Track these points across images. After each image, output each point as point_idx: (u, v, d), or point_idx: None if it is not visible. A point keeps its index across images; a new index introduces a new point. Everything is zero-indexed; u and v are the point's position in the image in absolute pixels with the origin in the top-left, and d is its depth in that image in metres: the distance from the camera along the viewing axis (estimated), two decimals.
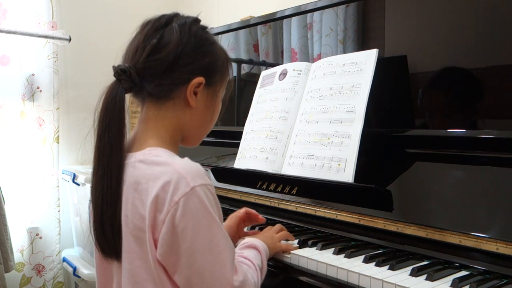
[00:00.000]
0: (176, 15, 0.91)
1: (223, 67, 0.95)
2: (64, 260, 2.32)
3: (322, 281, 0.96)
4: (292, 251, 1.05)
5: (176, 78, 0.87)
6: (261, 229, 1.24)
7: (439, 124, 1.19)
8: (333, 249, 1.04)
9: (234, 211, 1.46)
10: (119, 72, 0.85)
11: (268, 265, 1.05)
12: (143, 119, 0.90)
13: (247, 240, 1.00)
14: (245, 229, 1.22)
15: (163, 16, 0.91)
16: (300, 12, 1.57)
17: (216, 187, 1.52)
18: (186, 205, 0.78)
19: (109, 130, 0.83)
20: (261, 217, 1.19)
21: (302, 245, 1.10)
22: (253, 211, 1.19)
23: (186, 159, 0.83)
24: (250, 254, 0.94)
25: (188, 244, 0.78)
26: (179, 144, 0.94)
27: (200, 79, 0.88)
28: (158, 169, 0.81)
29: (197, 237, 0.79)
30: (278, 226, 1.13)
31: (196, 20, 0.93)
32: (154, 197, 0.79)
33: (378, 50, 1.20)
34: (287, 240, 1.11)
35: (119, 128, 0.84)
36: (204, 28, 0.94)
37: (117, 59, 0.91)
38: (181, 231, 0.78)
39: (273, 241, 1.04)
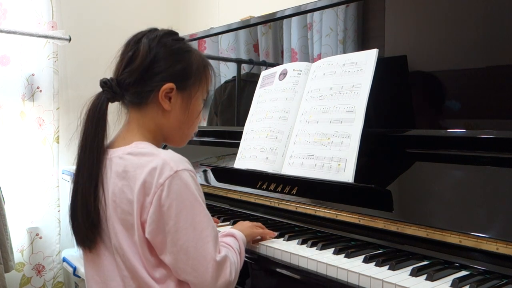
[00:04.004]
0: (150, 30, 1.02)
1: (198, 72, 1.03)
2: (64, 260, 2.32)
3: (322, 281, 0.96)
4: (292, 252, 1.05)
5: (148, 86, 0.97)
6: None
7: (439, 124, 1.19)
8: (333, 249, 1.04)
9: (234, 211, 1.47)
10: (102, 84, 0.98)
11: (269, 265, 1.05)
12: (128, 122, 1.02)
13: (225, 229, 1.10)
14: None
15: (140, 32, 1.01)
16: (300, 12, 1.57)
17: (216, 187, 1.54)
18: (170, 186, 0.88)
19: (87, 133, 0.95)
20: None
21: (301, 244, 1.10)
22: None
23: (170, 150, 0.95)
24: (228, 240, 1.03)
25: (172, 222, 0.88)
26: (162, 143, 1.05)
27: (169, 85, 0.98)
28: (145, 159, 0.92)
29: (180, 215, 0.88)
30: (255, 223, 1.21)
31: (169, 33, 1.02)
32: (142, 182, 0.89)
33: (378, 50, 1.20)
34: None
35: (96, 133, 0.95)
36: (179, 39, 1.03)
37: (117, 60, 1.01)
38: (167, 210, 0.88)
39: (250, 228, 1.14)
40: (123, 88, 0.97)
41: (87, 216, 0.93)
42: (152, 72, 0.96)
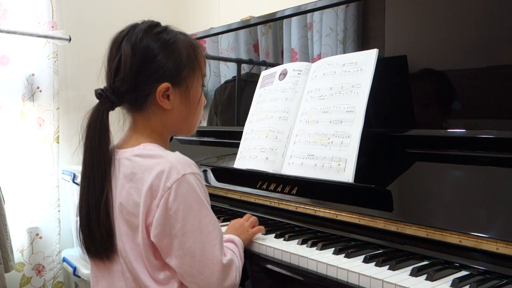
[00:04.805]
0: (130, 28, 0.96)
1: (189, 61, 0.98)
2: (64, 260, 2.32)
3: (322, 281, 0.96)
4: (292, 252, 1.05)
5: (143, 90, 0.94)
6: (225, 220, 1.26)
7: (439, 124, 1.19)
8: (333, 249, 1.04)
9: (234, 211, 1.47)
10: (97, 95, 0.95)
11: (268, 265, 1.05)
12: (133, 125, 1.00)
13: (224, 235, 1.08)
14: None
15: (120, 32, 0.97)
16: (300, 12, 1.57)
17: (216, 187, 1.54)
18: (178, 190, 0.88)
19: (91, 147, 0.93)
20: None
21: (301, 244, 1.10)
22: None
23: (177, 152, 0.93)
24: (229, 246, 1.03)
25: (180, 225, 0.88)
26: (169, 137, 1.04)
27: (164, 85, 0.95)
28: (153, 161, 0.91)
29: (188, 219, 0.88)
30: (247, 215, 1.21)
31: (149, 28, 0.96)
32: (149, 185, 0.89)
33: (378, 50, 1.20)
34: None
35: (100, 145, 0.93)
36: (161, 31, 0.97)
37: (105, 66, 0.98)
38: (174, 213, 0.88)
39: (245, 232, 1.13)
40: (119, 96, 0.95)
41: (101, 229, 0.92)
42: (144, 76, 0.94)
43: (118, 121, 1.01)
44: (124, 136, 1.01)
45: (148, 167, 0.90)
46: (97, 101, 0.96)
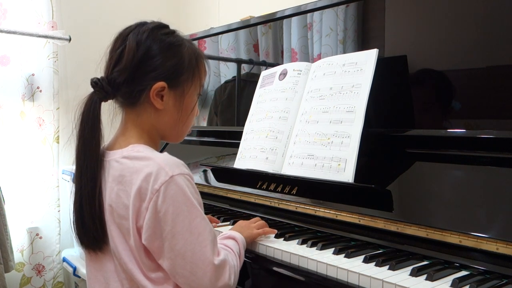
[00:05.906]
0: (138, 25, 0.97)
1: (190, 67, 0.99)
2: (64, 260, 2.32)
3: (322, 281, 0.96)
4: (292, 252, 1.05)
5: (139, 85, 0.94)
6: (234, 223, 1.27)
7: (439, 124, 1.19)
8: (333, 249, 1.04)
9: (234, 211, 1.47)
10: (93, 84, 0.95)
11: (268, 265, 1.05)
12: (123, 122, 1.00)
13: (226, 232, 1.08)
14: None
15: (128, 27, 0.97)
16: (300, 12, 1.57)
17: (216, 187, 1.54)
18: (166, 191, 0.87)
19: (84, 136, 0.93)
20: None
21: (301, 244, 1.10)
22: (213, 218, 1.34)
23: (165, 153, 0.92)
24: (229, 243, 1.02)
25: (169, 228, 0.87)
26: (159, 141, 1.03)
27: (160, 84, 0.94)
28: (141, 163, 0.90)
29: (177, 221, 0.87)
30: (255, 218, 1.21)
31: (157, 27, 0.97)
32: (137, 188, 0.88)
33: (378, 50, 1.20)
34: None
35: (92, 134, 0.92)
36: (168, 32, 0.98)
37: (106, 57, 0.99)
38: (163, 215, 0.87)
39: (250, 230, 1.13)
40: (114, 87, 0.94)
41: (94, 220, 0.91)
42: (142, 71, 0.94)
43: (108, 114, 0.99)
44: (114, 136, 1.00)
45: (136, 170, 0.89)
46: None
